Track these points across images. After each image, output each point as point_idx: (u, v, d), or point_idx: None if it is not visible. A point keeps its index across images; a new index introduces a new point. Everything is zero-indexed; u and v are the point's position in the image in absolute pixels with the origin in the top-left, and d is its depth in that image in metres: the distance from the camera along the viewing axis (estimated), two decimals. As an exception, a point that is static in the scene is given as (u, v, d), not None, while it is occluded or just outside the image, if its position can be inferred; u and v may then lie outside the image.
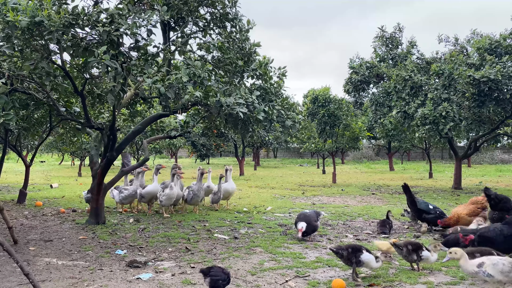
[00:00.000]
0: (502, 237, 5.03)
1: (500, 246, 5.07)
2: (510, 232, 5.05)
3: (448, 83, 13.01)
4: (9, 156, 31.56)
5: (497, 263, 4.03)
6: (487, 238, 5.13)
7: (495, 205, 6.59)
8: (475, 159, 33.05)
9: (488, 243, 5.09)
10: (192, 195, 8.86)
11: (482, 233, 5.24)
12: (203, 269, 4.21)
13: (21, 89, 6.96)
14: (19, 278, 4.71)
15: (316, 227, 6.61)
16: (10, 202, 10.55)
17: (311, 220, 6.56)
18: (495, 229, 5.14)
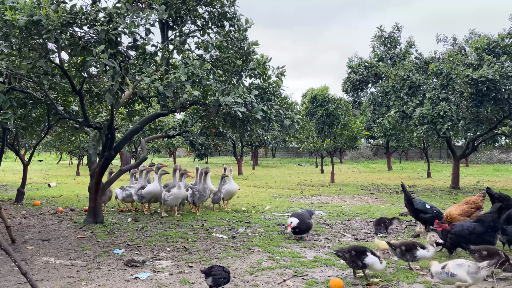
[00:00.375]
0: (474, 235, 5.13)
1: (472, 243, 5.17)
2: (481, 230, 5.15)
3: (446, 82, 13.03)
4: (7, 155, 31.51)
5: (462, 264, 4.14)
6: (460, 236, 5.23)
7: None
8: (473, 158, 33.12)
9: (462, 240, 5.22)
10: (198, 195, 8.81)
11: (456, 230, 5.30)
12: (204, 270, 4.23)
13: (19, 88, 6.95)
14: (17, 277, 4.71)
15: (309, 225, 6.58)
16: (8, 201, 10.52)
17: (304, 218, 6.56)
18: (469, 227, 5.22)
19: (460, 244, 5.36)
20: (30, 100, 7.81)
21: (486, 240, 5.10)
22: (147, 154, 8.92)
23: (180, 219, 8.25)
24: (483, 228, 5.14)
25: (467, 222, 5.42)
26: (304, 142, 21.20)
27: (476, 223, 5.25)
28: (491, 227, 5.12)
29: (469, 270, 4.08)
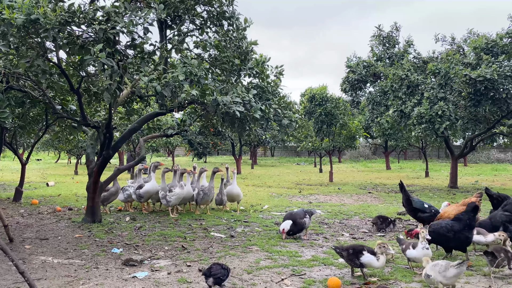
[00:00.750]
0: (452, 233, 5.23)
1: (451, 242, 5.27)
2: (459, 228, 5.26)
3: (445, 82, 13.05)
4: (5, 154, 31.45)
5: (436, 264, 4.21)
6: (439, 234, 5.33)
7: (497, 204, 6.62)
8: (471, 158, 33.19)
9: (441, 239, 5.33)
10: (202, 195, 8.66)
11: (434, 228, 5.40)
12: (204, 271, 4.28)
13: (16, 87, 6.94)
14: (14, 276, 4.70)
15: (302, 224, 6.54)
16: (5, 200, 10.51)
17: (296, 218, 6.56)
18: (447, 225, 5.34)
19: (439, 242, 5.48)
20: (28, 99, 7.80)
21: (464, 237, 5.27)
22: (145, 153, 8.91)
23: (179, 218, 8.25)
24: (460, 226, 5.28)
25: (444, 221, 5.54)
26: (303, 141, 21.21)
27: (454, 221, 5.38)
28: (467, 225, 5.29)
29: (439, 270, 4.14)
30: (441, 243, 5.47)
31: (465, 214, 5.37)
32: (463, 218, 5.32)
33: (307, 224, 6.65)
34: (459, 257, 5.47)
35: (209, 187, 8.73)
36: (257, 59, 8.07)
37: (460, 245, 5.30)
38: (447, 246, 5.44)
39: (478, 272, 4.96)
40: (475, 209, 5.32)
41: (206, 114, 8.54)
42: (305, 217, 6.65)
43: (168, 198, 8.37)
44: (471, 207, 5.35)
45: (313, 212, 7.03)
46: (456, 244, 5.30)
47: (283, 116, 7.56)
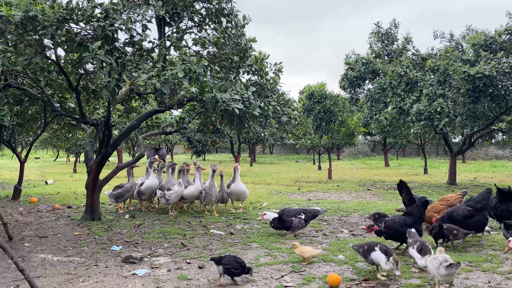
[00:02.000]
0: (405, 228, 5.31)
1: (405, 237, 5.28)
2: (411, 222, 5.38)
3: (443, 79, 13.05)
4: (4, 152, 31.41)
5: (436, 257, 4.22)
6: (393, 229, 5.41)
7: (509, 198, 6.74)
8: (470, 155, 33.24)
9: (396, 234, 5.40)
10: (204, 194, 8.30)
11: (389, 225, 5.47)
12: (214, 258, 4.47)
13: (15, 84, 6.92)
14: (14, 274, 4.70)
15: (288, 223, 6.41)
16: (4, 199, 10.49)
17: (284, 214, 6.49)
18: (400, 220, 5.44)
19: (393, 237, 5.53)
20: (27, 96, 7.78)
21: (417, 231, 5.33)
22: (144, 151, 8.90)
23: (178, 216, 8.25)
24: (412, 220, 5.40)
25: (397, 216, 5.63)
26: (302, 138, 21.21)
27: (406, 216, 5.49)
28: (419, 219, 5.46)
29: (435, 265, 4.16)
30: (396, 238, 5.52)
31: (416, 208, 5.53)
32: (414, 212, 5.49)
33: (294, 223, 6.43)
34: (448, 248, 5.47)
35: (210, 185, 8.27)
36: (256, 56, 8.06)
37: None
38: (402, 241, 5.50)
39: (477, 268, 4.97)
40: (425, 204, 5.54)
41: (205, 111, 8.53)
42: (296, 216, 6.45)
43: (167, 196, 8.28)
44: (422, 201, 5.55)
45: (317, 213, 6.71)
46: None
47: (282, 113, 7.56)
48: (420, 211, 5.50)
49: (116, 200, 8.52)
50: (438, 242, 5.82)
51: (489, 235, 6.52)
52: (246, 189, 8.73)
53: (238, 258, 4.44)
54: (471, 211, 6.05)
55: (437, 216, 6.65)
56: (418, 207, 5.53)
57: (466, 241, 6.23)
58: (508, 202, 6.67)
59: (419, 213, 5.47)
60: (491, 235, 6.55)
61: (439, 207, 6.86)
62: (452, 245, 5.83)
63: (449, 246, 5.89)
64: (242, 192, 8.64)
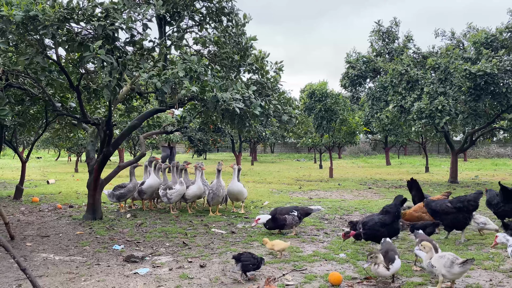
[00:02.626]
0: (386, 227, 5.35)
1: (384, 235, 5.28)
2: (390, 220, 5.39)
3: (444, 77, 13.03)
4: (5, 152, 31.44)
5: (443, 256, 4.18)
6: (374, 230, 5.40)
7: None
8: (471, 153, 33.19)
9: (376, 234, 5.38)
10: (212, 194, 8.16)
11: (370, 226, 5.43)
12: (234, 256, 4.57)
13: (16, 84, 6.92)
14: (16, 273, 4.71)
15: (282, 220, 6.43)
16: (6, 198, 10.52)
17: (276, 213, 6.51)
18: (380, 220, 5.44)
19: (374, 238, 5.47)
20: (28, 96, 7.79)
21: (395, 229, 5.43)
22: (145, 150, 8.91)
23: (179, 215, 8.26)
24: (390, 218, 5.42)
25: (376, 216, 5.60)
26: (303, 137, 21.21)
27: (385, 215, 5.49)
28: (396, 217, 5.47)
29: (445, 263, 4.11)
30: (376, 239, 5.46)
31: (393, 206, 5.54)
32: (391, 211, 5.49)
33: (288, 221, 6.45)
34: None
35: (217, 185, 8.11)
36: (256, 55, 8.05)
37: (392, 237, 5.47)
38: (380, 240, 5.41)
39: (479, 266, 4.97)
40: (403, 202, 5.56)
41: (206, 110, 8.53)
42: (289, 214, 6.48)
43: (168, 195, 8.32)
44: (400, 200, 5.56)
45: (310, 211, 6.76)
46: (389, 237, 5.34)
47: (283, 112, 7.55)
48: (398, 209, 5.51)
49: (118, 200, 8.52)
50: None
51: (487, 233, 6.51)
52: (243, 189, 8.45)
53: (254, 254, 4.59)
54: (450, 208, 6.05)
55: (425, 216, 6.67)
56: (395, 205, 5.53)
57: (468, 239, 6.23)
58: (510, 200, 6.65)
59: (397, 211, 5.48)
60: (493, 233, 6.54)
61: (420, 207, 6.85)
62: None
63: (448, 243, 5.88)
64: (238, 192, 8.38)
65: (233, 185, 8.34)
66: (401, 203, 5.55)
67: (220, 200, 8.33)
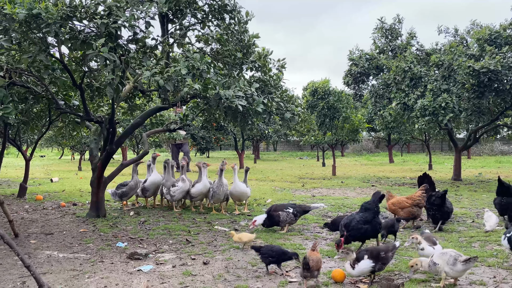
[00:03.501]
0: (368, 224, 5.28)
1: (368, 233, 5.28)
2: (371, 217, 5.33)
3: (448, 74, 12.98)
4: (9, 151, 31.57)
5: (445, 253, 4.14)
6: (358, 229, 5.28)
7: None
8: (475, 150, 33.07)
9: (360, 232, 5.29)
10: (212, 192, 8.16)
11: (353, 226, 5.29)
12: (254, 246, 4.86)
13: (19, 82, 6.94)
14: (20, 270, 4.74)
15: (276, 217, 6.46)
16: (10, 196, 10.56)
17: (271, 210, 6.55)
18: (361, 218, 5.33)
19: (358, 237, 5.36)
20: (31, 94, 7.81)
21: (376, 225, 5.35)
22: (148, 148, 8.92)
23: (182, 213, 8.28)
24: (371, 215, 5.35)
25: (357, 214, 5.47)
26: (306, 135, 21.18)
27: (365, 213, 5.39)
28: (376, 213, 5.42)
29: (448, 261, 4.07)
30: (360, 237, 5.37)
31: (372, 203, 5.48)
32: (371, 207, 5.43)
33: (282, 217, 6.47)
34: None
35: (218, 184, 8.08)
36: (259, 52, 8.05)
37: (375, 234, 5.41)
38: (365, 237, 5.39)
39: (482, 263, 4.95)
40: (381, 198, 5.53)
41: (209, 108, 8.53)
42: (283, 210, 6.50)
43: (172, 192, 8.36)
44: (378, 196, 5.52)
45: (308, 208, 6.79)
46: (372, 234, 5.37)
47: (286, 110, 7.54)
48: (377, 205, 5.47)
49: (121, 198, 8.53)
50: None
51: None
52: (245, 189, 8.29)
53: (274, 247, 4.73)
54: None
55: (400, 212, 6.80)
56: (374, 202, 5.47)
57: (471, 236, 6.21)
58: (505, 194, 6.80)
59: (376, 207, 5.43)
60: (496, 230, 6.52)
61: (405, 204, 6.87)
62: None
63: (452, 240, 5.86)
64: (241, 193, 8.29)
65: (236, 186, 8.23)
66: (379, 199, 5.51)
67: (221, 199, 8.26)
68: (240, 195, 8.34)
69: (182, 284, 4.31)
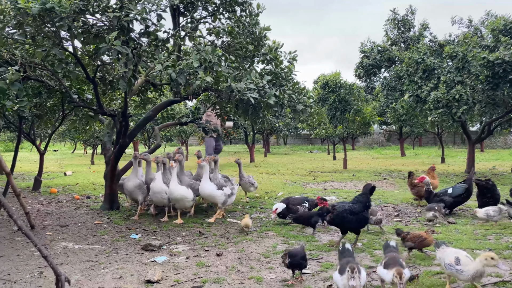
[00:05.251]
0: (355, 214, 5.21)
1: (353, 224, 5.21)
2: (360, 209, 5.25)
3: (462, 65, 12.77)
4: (23, 145, 32.05)
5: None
6: (343, 217, 5.22)
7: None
8: (488, 143, 32.57)
9: (344, 221, 5.22)
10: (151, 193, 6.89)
11: (339, 212, 5.23)
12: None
13: (33, 76, 7.02)
14: (37, 261, 4.82)
15: (296, 211, 6.49)
16: (25, 190, 10.73)
17: (290, 203, 6.60)
18: (350, 208, 5.25)
19: (341, 225, 5.31)
20: (45, 88, 7.90)
21: (363, 218, 5.28)
22: (160, 142, 8.98)
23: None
24: (360, 208, 5.27)
25: (346, 203, 5.43)
26: (316, 128, 21.08)
27: (355, 204, 5.33)
28: (366, 207, 5.33)
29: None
30: (344, 226, 5.31)
31: (364, 195, 5.39)
32: (363, 200, 5.34)
33: (300, 212, 6.49)
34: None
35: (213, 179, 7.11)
36: (270, 45, 8.01)
37: (360, 226, 5.33)
38: (349, 228, 5.32)
39: (498, 255, 4.89)
40: (371, 190, 5.41)
41: (220, 101, 8.53)
42: (301, 205, 6.59)
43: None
44: (368, 188, 5.42)
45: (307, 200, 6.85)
46: (357, 226, 5.28)
47: (298, 102, 7.51)
48: (367, 198, 5.36)
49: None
50: None
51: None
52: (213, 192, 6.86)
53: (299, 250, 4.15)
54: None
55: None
56: (365, 194, 5.37)
57: (486, 229, 6.14)
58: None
59: (367, 201, 5.34)
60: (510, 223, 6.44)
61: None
62: None
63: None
64: (208, 195, 6.93)
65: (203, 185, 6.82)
66: (370, 191, 5.38)
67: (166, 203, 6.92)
68: (208, 197, 7.02)
69: (196, 275, 4.34)
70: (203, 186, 6.82)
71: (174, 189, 6.60)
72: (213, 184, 6.86)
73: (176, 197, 6.65)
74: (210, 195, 6.91)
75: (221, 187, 6.97)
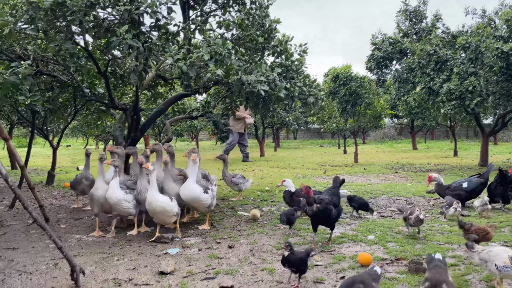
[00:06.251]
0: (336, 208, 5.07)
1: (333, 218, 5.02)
2: (337, 202, 5.14)
3: (475, 56, 12.56)
4: (35, 141, 32.48)
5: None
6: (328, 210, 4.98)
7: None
8: (502, 136, 32.11)
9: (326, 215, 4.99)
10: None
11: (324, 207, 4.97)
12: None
13: (46, 71, 7.08)
14: (52, 253, 4.89)
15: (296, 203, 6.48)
16: (39, 184, 10.88)
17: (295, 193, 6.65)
18: (331, 201, 5.06)
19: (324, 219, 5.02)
20: (58, 83, 7.97)
21: (340, 211, 5.22)
22: (171, 136, 9.02)
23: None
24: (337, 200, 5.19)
25: (326, 197, 5.17)
26: (327, 122, 20.96)
27: (332, 196, 5.20)
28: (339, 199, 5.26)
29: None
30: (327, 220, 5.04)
31: (336, 189, 5.32)
32: (336, 193, 5.28)
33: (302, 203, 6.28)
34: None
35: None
36: (280, 38, 7.96)
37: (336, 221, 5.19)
38: (329, 222, 5.09)
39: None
40: (341, 183, 5.42)
41: (230, 95, 8.52)
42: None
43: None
44: (338, 181, 5.39)
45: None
46: (336, 220, 5.16)
47: (309, 94, 7.46)
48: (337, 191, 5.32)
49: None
50: None
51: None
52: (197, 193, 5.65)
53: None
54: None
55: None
56: (337, 188, 5.33)
57: (501, 222, 6.06)
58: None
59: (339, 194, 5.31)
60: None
61: None
62: None
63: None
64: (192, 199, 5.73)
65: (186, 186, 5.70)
66: (340, 184, 5.36)
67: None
68: (191, 201, 5.75)
69: (209, 267, 4.36)
70: (189, 187, 5.59)
71: (187, 186, 5.62)
72: (199, 186, 5.68)
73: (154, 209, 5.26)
74: (197, 199, 5.66)
75: (206, 190, 5.82)
